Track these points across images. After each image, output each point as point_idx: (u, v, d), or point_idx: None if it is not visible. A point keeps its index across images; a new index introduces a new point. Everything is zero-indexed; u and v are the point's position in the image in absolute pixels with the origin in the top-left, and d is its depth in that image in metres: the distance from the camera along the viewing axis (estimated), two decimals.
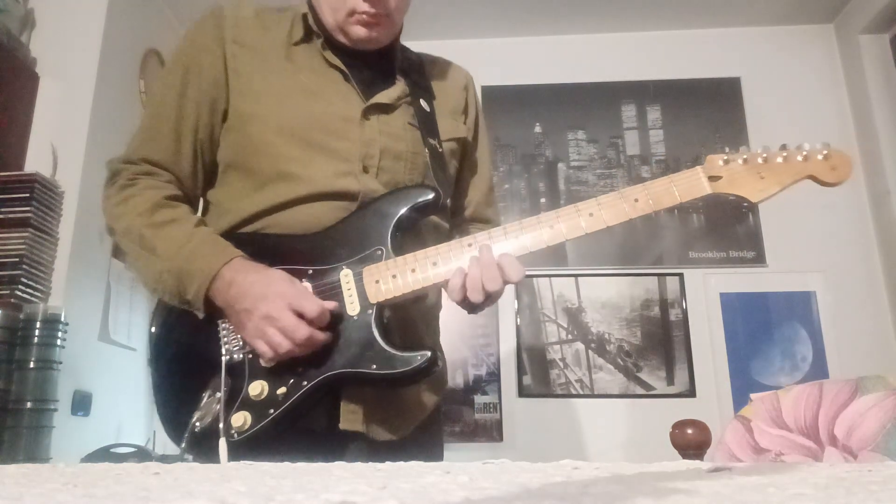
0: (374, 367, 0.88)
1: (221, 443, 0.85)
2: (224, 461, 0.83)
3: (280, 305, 0.86)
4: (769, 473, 0.48)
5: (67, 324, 2.07)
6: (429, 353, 0.88)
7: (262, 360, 0.89)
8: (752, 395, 1.25)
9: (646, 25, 3.19)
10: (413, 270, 0.92)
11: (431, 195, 0.96)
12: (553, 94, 3.19)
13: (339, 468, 0.54)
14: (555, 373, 2.85)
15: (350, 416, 0.93)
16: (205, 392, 0.90)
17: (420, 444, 1.02)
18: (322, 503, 0.36)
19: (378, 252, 0.93)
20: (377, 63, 1.08)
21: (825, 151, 0.93)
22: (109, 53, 2.53)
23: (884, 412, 1.08)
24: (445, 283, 0.93)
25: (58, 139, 2.34)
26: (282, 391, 0.88)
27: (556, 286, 2.94)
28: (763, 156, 0.94)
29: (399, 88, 1.07)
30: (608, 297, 2.92)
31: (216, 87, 1.02)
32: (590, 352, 2.86)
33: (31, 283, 2.10)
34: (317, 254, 0.94)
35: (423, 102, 1.08)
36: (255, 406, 0.87)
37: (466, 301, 0.93)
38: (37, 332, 1.99)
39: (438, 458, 1.09)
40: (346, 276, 0.92)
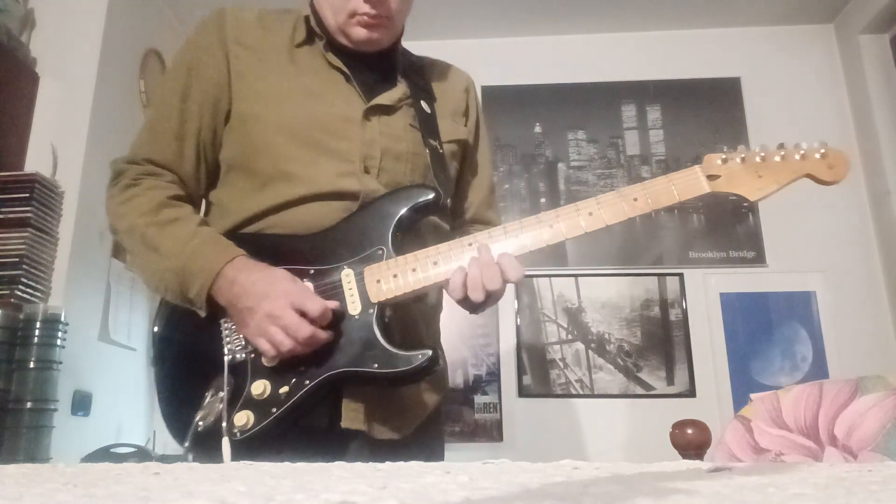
0: (376, 366, 0.88)
1: (225, 442, 0.85)
2: (227, 460, 0.83)
3: (283, 304, 0.86)
4: (769, 473, 0.48)
5: (67, 324, 2.07)
6: (430, 352, 0.88)
7: (265, 359, 0.89)
8: (752, 395, 1.25)
9: (646, 25, 3.19)
10: (414, 270, 0.92)
11: (432, 195, 0.96)
12: (553, 94, 3.19)
13: (339, 468, 0.54)
14: (555, 373, 2.85)
15: (352, 415, 0.93)
16: (208, 391, 0.90)
17: (421, 444, 1.02)
18: (322, 503, 0.36)
19: (379, 252, 0.93)
20: (379, 65, 1.08)
21: (822, 150, 0.93)
22: (109, 53, 2.53)
23: (884, 412, 1.08)
24: (446, 283, 0.93)
25: (58, 139, 2.34)
26: (284, 390, 0.88)
27: (556, 286, 2.94)
28: (761, 155, 0.95)
29: (400, 90, 1.07)
30: (608, 297, 2.92)
31: (219, 89, 1.03)
32: (590, 352, 2.86)
33: (31, 283, 2.10)
34: (318, 254, 0.95)
35: (424, 104, 1.09)
36: (258, 405, 0.88)
37: (467, 300, 0.93)
38: (37, 332, 1.99)
39: (439, 458, 1.09)
40: (348, 276, 0.93)
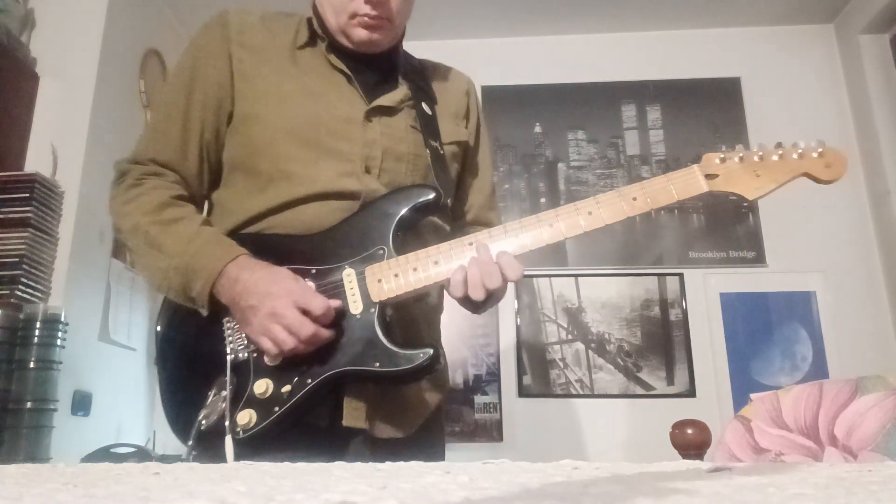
0: (378, 365, 0.89)
1: (227, 440, 0.86)
2: (230, 459, 0.84)
3: (286, 303, 0.87)
4: (769, 473, 0.48)
5: (67, 324, 2.07)
6: (431, 351, 0.89)
7: (267, 358, 0.90)
8: (752, 395, 1.25)
9: (646, 25, 3.19)
10: (415, 269, 0.93)
11: (432, 195, 0.97)
12: (553, 94, 3.19)
13: (339, 468, 0.54)
14: (555, 373, 2.85)
15: (353, 413, 0.94)
16: (210, 390, 0.91)
17: (422, 443, 1.02)
18: (322, 503, 0.36)
19: (380, 251, 0.94)
20: (380, 66, 1.09)
21: (820, 149, 0.93)
22: (109, 53, 2.53)
23: (884, 412, 1.08)
24: (447, 282, 0.94)
25: (58, 139, 2.34)
26: (286, 389, 0.89)
27: (556, 286, 2.94)
28: (759, 154, 0.95)
29: (401, 92, 1.08)
30: (608, 297, 2.92)
31: (222, 90, 1.03)
32: (590, 352, 2.86)
33: (31, 283, 2.10)
34: (319, 253, 0.95)
35: (425, 106, 1.09)
36: (261, 404, 0.88)
37: (468, 300, 0.93)
38: (37, 332, 1.99)
39: (440, 458, 1.09)
40: (349, 276, 0.93)
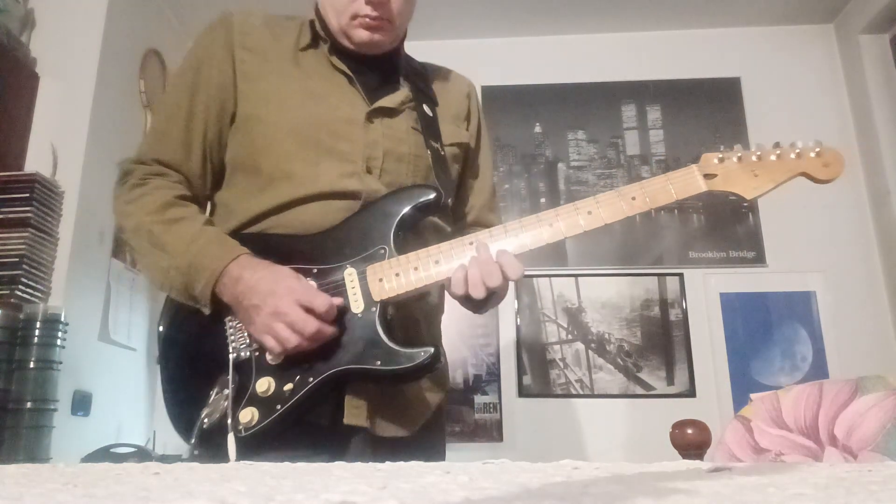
0: (379, 363, 0.89)
1: (230, 438, 0.87)
2: (232, 456, 0.85)
3: (289, 301, 0.88)
4: (769, 473, 0.48)
5: (67, 324, 2.07)
6: (432, 350, 0.90)
7: (270, 356, 0.91)
8: (752, 395, 1.25)
9: (646, 25, 3.19)
10: (416, 269, 0.93)
11: (433, 195, 0.98)
12: (553, 94, 3.19)
13: (339, 468, 0.54)
14: (555, 373, 2.85)
15: (354, 412, 0.94)
16: (213, 389, 0.91)
17: (423, 443, 1.03)
18: (322, 503, 0.36)
19: (381, 251, 0.95)
20: (382, 68, 1.10)
21: (817, 149, 0.94)
22: (109, 53, 2.53)
23: (884, 412, 1.08)
24: (448, 282, 0.94)
25: (58, 139, 2.34)
26: (288, 387, 0.89)
27: (556, 286, 2.94)
28: (757, 154, 0.96)
29: (403, 94, 1.09)
30: (608, 297, 2.92)
31: (225, 91, 1.04)
32: (590, 352, 2.86)
33: (31, 283, 2.10)
34: (321, 253, 0.96)
35: (426, 108, 1.10)
36: (263, 402, 0.89)
37: (470, 299, 0.94)
38: (37, 332, 1.99)
39: (441, 458, 1.10)
40: (351, 275, 0.94)
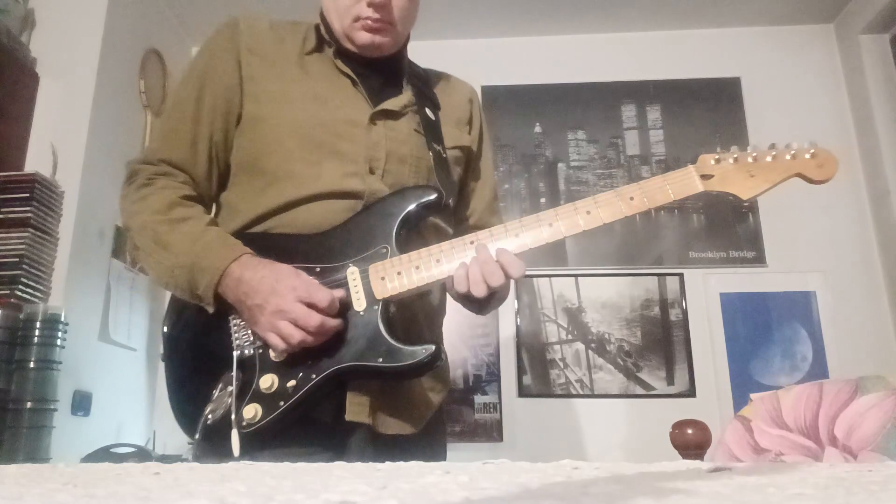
0: (381, 361, 0.91)
1: (234, 434, 0.88)
2: (236, 452, 0.87)
3: (291, 299, 0.89)
4: (769, 473, 0.48)
5: (67, 324, 2.07)
6: (433, 347, 0.91)
7: (274, 354, 0.92)
8: (752, 395, 1.25)
9: (646, 25, 3.19)
10: (418, 268, 0.95)
11: (434, 195, 0.99)
12: (553, 94, 3.19)
13: (339, 468, 0.54)
14: (555, 373, 2.85)
15: (356, 408, 0.95)
16: (217, 386, 0.93)
17: (423, 441, 1.04)
18: (322, 503, 0.36)
19: (383, 250, 0.96)
20: (385, 71, 1.12)
21: (812, 150, 0.95)
22: (109, 53, 2.53)
23: (884, 412, 1.08)
24: (450, 281, 0.95)
25: (58, 139, 2.34)
26: (291, 384, 0.91)
27: (556, 286, 2.94)
28: (753, 155, 0.97)
29: (406, 97, 1.10)
30: (608, 297, 2.92)
31: (231, 92, 1.06)
32: (590, 352, 2.86)
33: (31, 283, 2.10)
34: (323, 252, 0.97)
35: (429, 111, 1.12)
36: (266, 398, 0.90)
37: (471, 298, 0.95)
38: (37, 332, 1.99)
39: (441, 456, 1.11)
40: (353, 274, 0.95)
